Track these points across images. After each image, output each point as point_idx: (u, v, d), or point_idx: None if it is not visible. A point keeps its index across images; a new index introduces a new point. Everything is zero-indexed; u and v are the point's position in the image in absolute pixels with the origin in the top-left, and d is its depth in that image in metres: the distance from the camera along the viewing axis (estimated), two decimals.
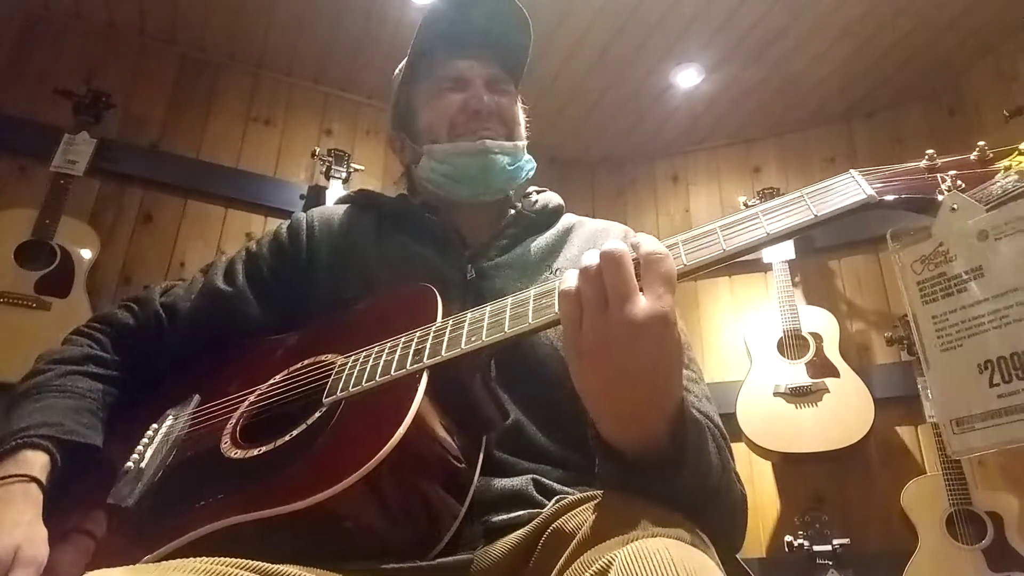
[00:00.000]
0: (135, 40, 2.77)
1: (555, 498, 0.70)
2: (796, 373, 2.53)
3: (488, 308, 0.69)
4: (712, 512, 0.64)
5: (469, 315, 0.69)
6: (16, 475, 0.75)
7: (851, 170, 0.63)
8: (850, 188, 0.62)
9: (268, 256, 0.97)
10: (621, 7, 2.55)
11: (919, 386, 2.37)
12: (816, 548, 2.28)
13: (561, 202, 1.04)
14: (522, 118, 1.03)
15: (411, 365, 0.66)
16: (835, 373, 2.52)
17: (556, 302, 0.63)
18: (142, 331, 0.92)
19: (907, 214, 0.61)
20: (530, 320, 0.65)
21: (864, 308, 2.80)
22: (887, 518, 2.41)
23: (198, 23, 2.74)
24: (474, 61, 0.99)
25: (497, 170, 0.95)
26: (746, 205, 2.88)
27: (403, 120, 1.03)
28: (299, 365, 0.79)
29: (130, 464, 0.76)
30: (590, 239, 0.98)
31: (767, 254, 2.76)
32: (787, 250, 2.72)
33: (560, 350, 0.77)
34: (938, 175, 0.60)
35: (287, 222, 1.01)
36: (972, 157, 0.61)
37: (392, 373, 0.67)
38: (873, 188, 0.60)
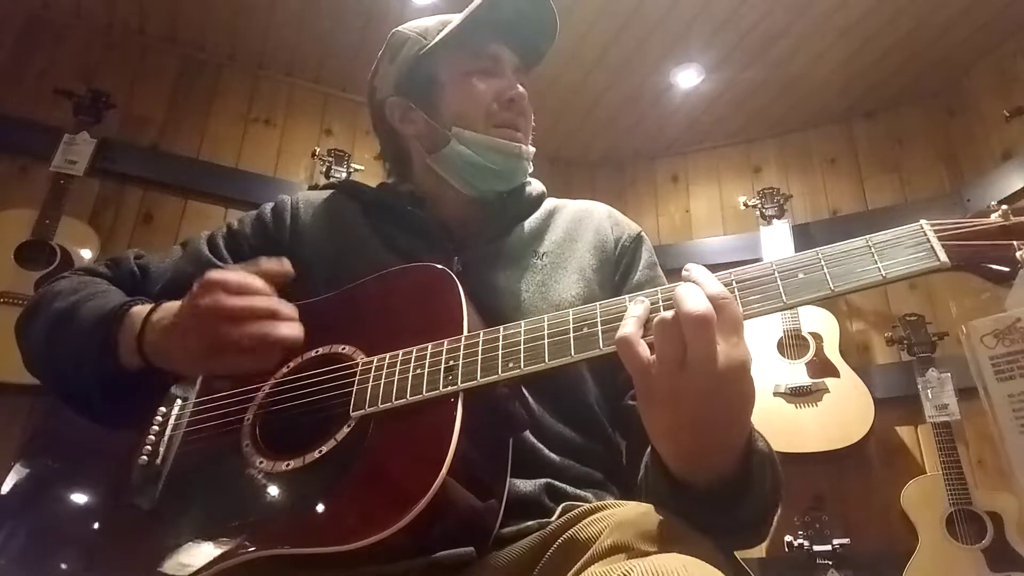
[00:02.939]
0: (135, 40, 2.77)
1: (563, 505, 0.70)
2: (796, 373, 2.53)
3: (523, 327, 0.67)
4: (759, 528, 0.64)
5: (502, 332, 0.67)
6: (150, 308, 0.76)
7: (922, 222, 0.59)
8: (921, 247, 0.58)
9: (250, 235, 0.96)
10: (621, 7, 2.55)
11: (919, 386, 2.37)
12: (816, 548, 2.28)
13: (543, 188, 1.04)
14: None
15: (444, 387, 0.65)
16: (835, 373, 2.52)
17: (600, 336, 0.62)
18: (117, 285, 0.89)
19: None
20: (572, 353, 0.63)
21: (864, 308, 2.80)
22: (887, 518, 2.41)
23: (198, 23, 2.74)
24: (506, 47, 0.97)
25: (518, 175, 0.96)
26: (746, 205, 2.90)
27: (418, 91, 0.97)
28: (315, 354, 0.77)
29: (144, 458, 0.73)
30: (573, 221, 0.98)
31: (767, 254, 2.75)
32: (787, 250, 2.72)
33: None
34: (1014, 242, 0.57)
35: (271, 203, 0.99)
36: None
37: (424, 393, 0.65)
38: (946, 252, 0.57)
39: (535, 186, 1.03)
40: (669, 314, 0.56)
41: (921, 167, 2.89)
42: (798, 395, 2.49)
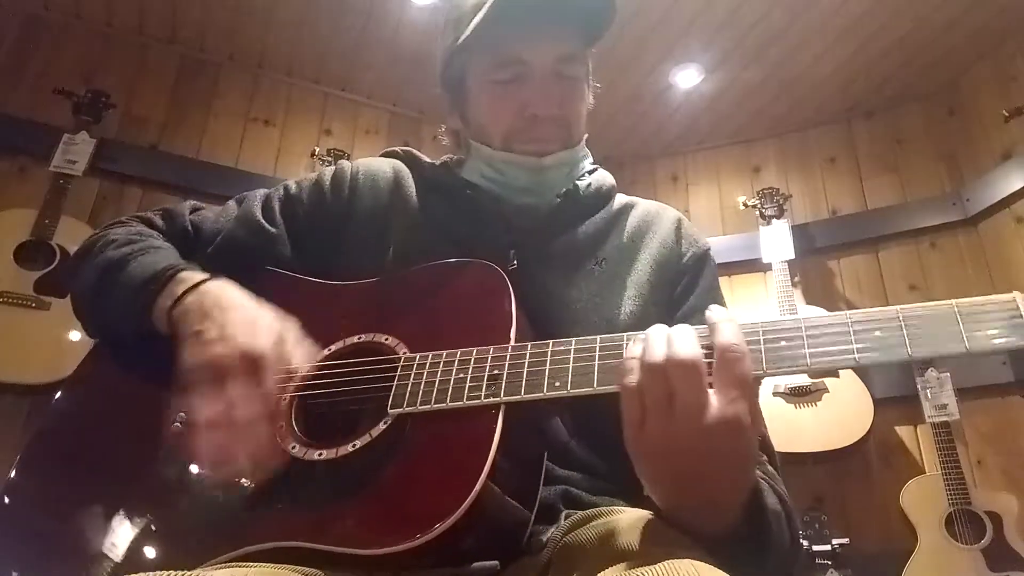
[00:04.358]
0: (135, 40, 2.77)
1: (564, 513, 0.69)
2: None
3: (574, 345, 0.64)
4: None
5: (551, 348, 0.65)
6: (200, 279, 0.74)
7: (1015, 293, 0.53)
8: (1012, 320, 0.52)
9: (306, 200, 0.92)
10: (621, 7, 2.53)
11: (918, 386, 2.37)
12: (816, 548, 2.28)
13: (613, 182, 0.97)
14: (588, 98, 0.93)
15: (486, 397, 0.63)
16: (834, 373, 2.52)
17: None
18: (171, 241, 0.87)
19: None
20: None
21: (864, 308, 2.80)
22: (887, 518, 2.41)
23: (198, 23, 2.74)
24: (542, 38, 0.85)
25: (551, 184, 0.89)
26: (746, 205, 2.90)
27: (453, 89, 0.91)
28: (357, 340, 0.75)
29: (178, 424, 0.71)
30: (641, 227, 0.92)
31: (767, 253, 2.76)
32: (787, 250, 2.72)
33: None
34: None
35: (332, 168, 0.96)
36: None
37: (465, 401, 0.64)
38: None
39: (603, 180, 0.96)
40: (660, 356, 0.54)
41: (920, 167, 2.89)
42: (797, 395, 2.49)
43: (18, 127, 2.44)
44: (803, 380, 2.51)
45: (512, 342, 0.67)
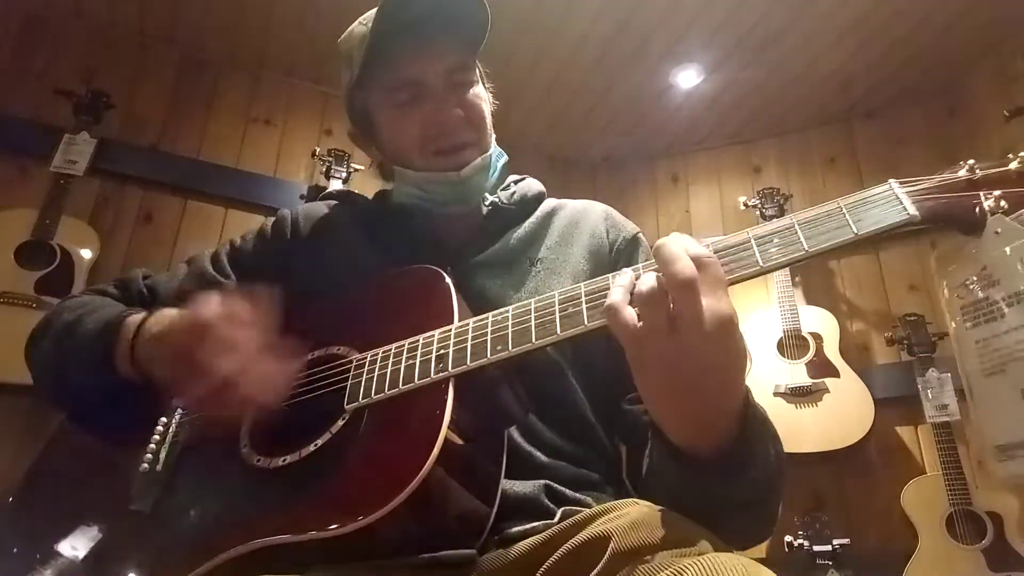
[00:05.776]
0: (135, 40, 2.77)
1: (563, 509, 0.70)
2: (796, 373, 2.53)
3: (511, 312, 0.67)
4: (766, 504, 0.64)
5: (491, 318, 0.68)
6: (141, 318, 0.78)
7: (890, 181, 0.60)
8: (891, 203, 0.59)
9: (251, 248, 0.98)
10: (621, 7, 2.54)
11: (919, 386, 2.37)
12: (816, 548, 2.28)
13: (541, 189, 1.02)
14: (488, 99, 0.96)
15: (435, 374, 0.66)
16: (835, 373, 2.52)
17: (584, 312, 0.62)
18: (127, 305, 0.90)
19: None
20: (558, 331, 0.63)
21: (864, 308, 2.80)
22: (887, 518, 2.41)
23: (198, 23, 2.74)
24: (428, 55, 0.89)
25: (473, 189, 0.93)
26: (746, 205, 2.90)
27: (363, 127, 0.98)
28: (310, 357, 0.78)
29: (145, 465, 0.75)
30: (570, 224, 0.97)
31: None
32: None
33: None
34: (980, 193, 0.59)
35: (273, 217, 1.01)
36: (1012, 167, 0.61)
37: (416, 381, 0.66)
38: (915, 206, 0.58)
39: (528, 188, 1.00)
40: (651, 277, 0.56)
41: (921, 167, 2.82)
42: (798, 395, 2.49)
43: (19, 127, 2.44)
44: (804, 381, 2.51)
45: (455, 323, 0.70)
